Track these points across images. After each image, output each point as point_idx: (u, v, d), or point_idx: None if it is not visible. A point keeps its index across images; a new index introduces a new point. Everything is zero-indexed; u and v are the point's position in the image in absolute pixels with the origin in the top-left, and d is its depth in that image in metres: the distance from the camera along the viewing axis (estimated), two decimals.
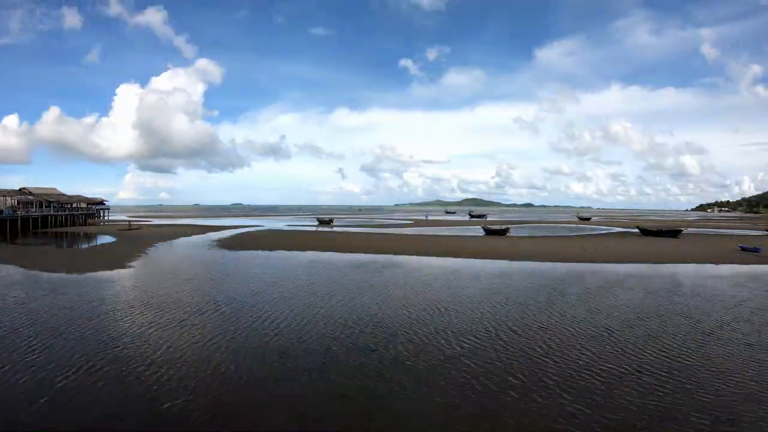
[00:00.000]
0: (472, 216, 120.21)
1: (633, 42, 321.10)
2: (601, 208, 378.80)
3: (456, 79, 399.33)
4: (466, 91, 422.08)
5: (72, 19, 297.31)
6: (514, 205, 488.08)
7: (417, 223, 79.28)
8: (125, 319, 14.00)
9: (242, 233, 51.35)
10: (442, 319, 14.28)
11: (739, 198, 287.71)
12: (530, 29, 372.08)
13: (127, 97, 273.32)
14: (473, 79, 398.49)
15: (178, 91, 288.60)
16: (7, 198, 59.54)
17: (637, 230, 56.43)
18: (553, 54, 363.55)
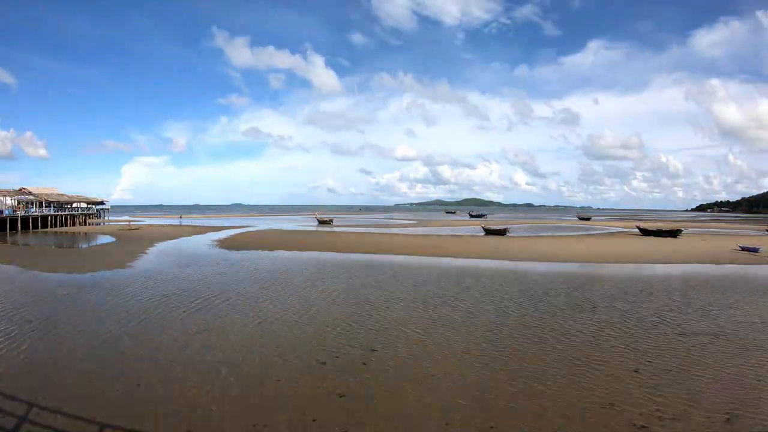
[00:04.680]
0: (472, 216, 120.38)
1: None
2: (600, 208, 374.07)
3: (580, 59, 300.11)
4: (575, 76, 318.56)
5: None
6: (515, 204, 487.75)
7: (420, 223, 79.35)
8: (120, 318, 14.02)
9: (241, 233, 51.30)
10: (442, 319, 14.27)
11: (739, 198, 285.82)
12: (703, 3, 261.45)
13: None
14: (594, 63, 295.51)
15: None
16: (6, 197, 59.52)
17: (636, 230, 56.41)
18: (708, 38, 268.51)
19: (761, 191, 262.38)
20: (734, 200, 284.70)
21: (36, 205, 62.48)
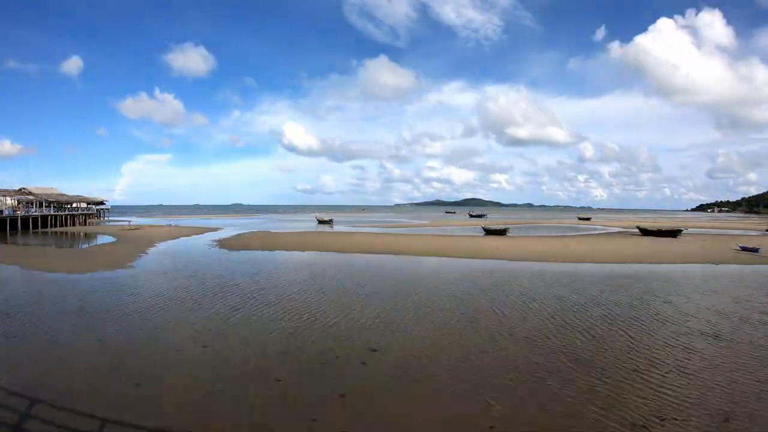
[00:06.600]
0: (471, 216, 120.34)
1: None
2: (600, 207, 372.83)
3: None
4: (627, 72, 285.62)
5: None
6: (515, 204, 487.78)
7: (432, 224, 79.39)
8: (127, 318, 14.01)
9: (241, 233, 51.21)
10: (442, 319, 14.26)
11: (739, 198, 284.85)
12: None
13: None
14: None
15: None
16: (7, 198, 59.52)
17: (636, 230, 56.39)
18: None
19: (761, 191, 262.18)
20: (734, 200, 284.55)
21: (36, 205, 62.48)
